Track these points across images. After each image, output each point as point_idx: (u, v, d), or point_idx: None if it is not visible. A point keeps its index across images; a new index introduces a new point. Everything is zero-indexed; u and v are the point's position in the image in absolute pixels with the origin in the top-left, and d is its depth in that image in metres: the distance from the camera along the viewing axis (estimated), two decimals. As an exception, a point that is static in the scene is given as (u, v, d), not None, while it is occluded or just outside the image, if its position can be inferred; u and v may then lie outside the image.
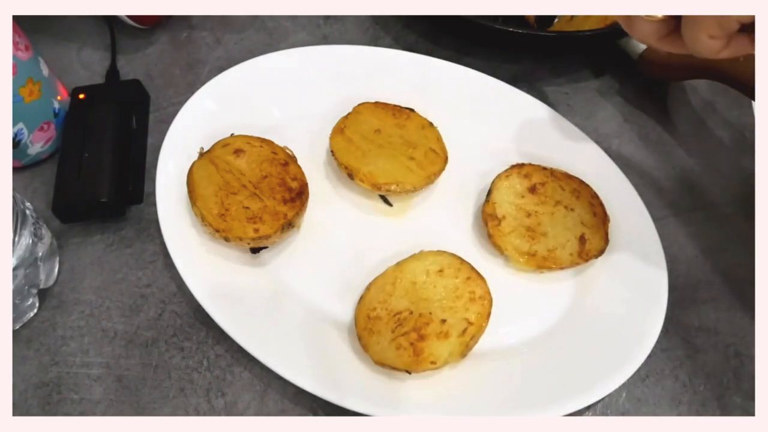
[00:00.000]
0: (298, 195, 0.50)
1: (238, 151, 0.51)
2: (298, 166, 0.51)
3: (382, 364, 0.44)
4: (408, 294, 0.47)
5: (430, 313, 0.46)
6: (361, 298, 0.47)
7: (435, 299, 0.46)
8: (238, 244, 0.48)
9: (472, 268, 0.48)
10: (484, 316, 0.46)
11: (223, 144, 0.51)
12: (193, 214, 0.50)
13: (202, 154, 0.51)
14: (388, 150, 0.53)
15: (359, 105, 0.56)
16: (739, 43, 0.31)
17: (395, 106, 0.56)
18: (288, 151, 0.52)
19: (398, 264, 0.48)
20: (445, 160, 0.53)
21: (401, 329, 0.45)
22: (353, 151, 0.53)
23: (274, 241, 0.49)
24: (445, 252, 0.49)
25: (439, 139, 0.55)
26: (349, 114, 0.55)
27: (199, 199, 0.48)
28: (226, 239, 0.48)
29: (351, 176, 0.52)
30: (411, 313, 0.46)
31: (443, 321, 0.45)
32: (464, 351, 0.45)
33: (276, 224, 0.48)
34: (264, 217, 0.48)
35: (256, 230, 0.47)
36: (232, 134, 0.52)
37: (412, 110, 0.56)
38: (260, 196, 0.49)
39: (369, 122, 0.55)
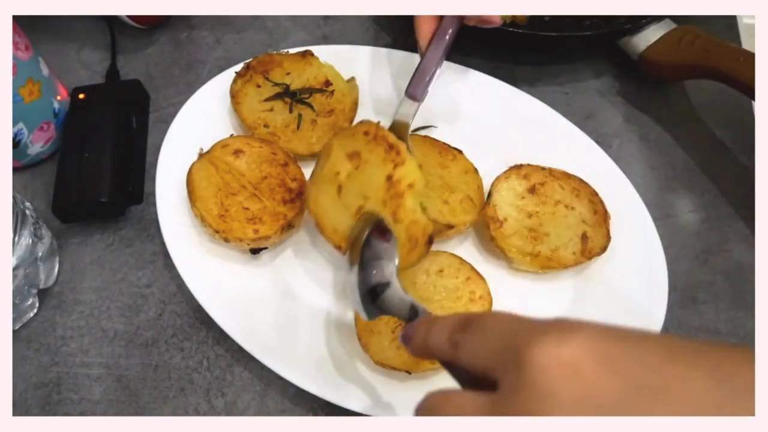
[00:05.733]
0: (297, 195, 0.50)
1: (237, 152, 0.51)
2: (298, 167, 0.51)
3: (382, 364, 0.44)
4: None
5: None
6: None
7: (435, 299, 0.46)
8: (237, 244, 0.48)
9: (472, 269, 0.48)
10: None
11: (222, 145, 0.51)
12: (193, 215, 0.50)
13: (201, 155, 0.51)
14: (433, 191, 0.50)
15: (409, 135, 0.52)
16: None
17: (444, 144, 0.53)
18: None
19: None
20: (480, 211, 0.50)
21: (401, 329, 0.45)
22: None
23: (274, 241, 0.49)
24: (445, 252, 0.49)
25: (480, 187, 0.51)
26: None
27: (199, 199, 0.48)
28: (226, 240, 0.48)
29: None
30: None
31: None
32: None
33: (276, 225, 0.48)
34: (264, 218, 0.48)
35: (256, 231, 0.47)
36: (231, 135, 0.52)
37: (460, 152, 0.53)
38: (260, 197, 0.49)
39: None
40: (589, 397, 0.22)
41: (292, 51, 0.57)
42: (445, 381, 0.45)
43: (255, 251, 0.50)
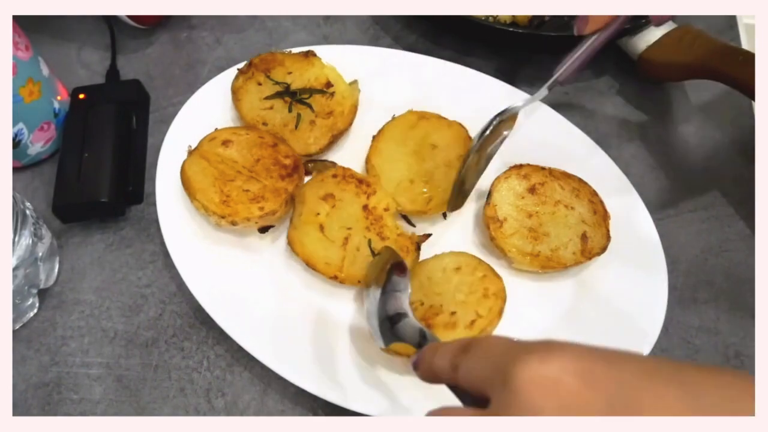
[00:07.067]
0: (294, 170, 0.51)
1: (226, 142, 0.51)
2: (287, 145, 0.52)
3: (387, 350, 0.44)
4: (423, 287, 0.47)
5: (441, 305, 0.46)
6: None
7: (448, 293, 0.46)
8: (246, 225, 0.49)
9: (490, 268, 0.48)
10: (496, 312, 0.45)
11: (210, 138, 0.52)
12: (193, 215, 0.50)
13: (190, 152, 0.51)
14: (414, 159, 0.53)
15: (455, 122, 0.54)
16: None
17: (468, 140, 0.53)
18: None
19: (419, 263, 0.49)
20: (438, 206, 0.51)
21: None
22: (396, 138, 0.53)
23: (279, 216, 0.50)
24: (464, 253, 0.49)
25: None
26: (439, 119, 0.55)
27: (198, 192, 0.48)
28: (234, 223, 0.48)
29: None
30: (422, 304, 0.46)
31: (453, 313, 0.45)
32: None
33: (279, 200, 0.49)
34: (266, 195, 0.49)
35: (261, 208, 0.48)
36: (215, 128, 0.52)
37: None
38: (257, 178, 0.50)
39: (443, 137, 0.54)
40: (569, 411, 0.23)
41: (295, 50, 0.57)
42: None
43: (263, 230, 0.51)
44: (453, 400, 0.44)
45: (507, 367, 0.25)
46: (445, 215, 0.54)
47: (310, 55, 0.57)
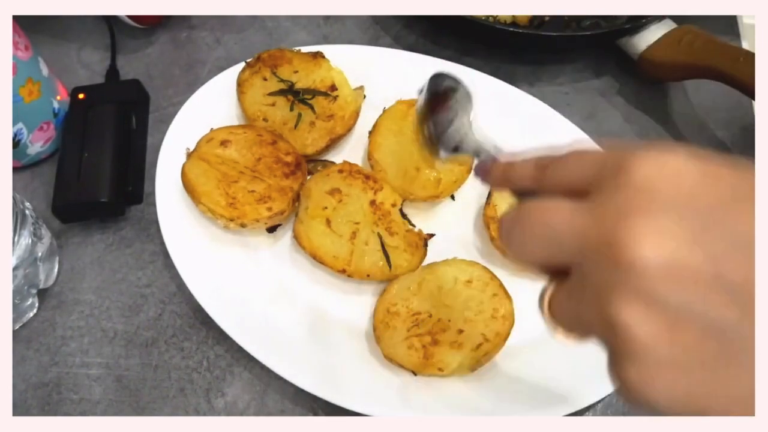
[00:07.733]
0: (296, 167, 0.51)
1: (224, 143, 0.51)
2: (287, 142, 0.52)
3: (390, 359, 0.44)
4: (432, 297, 0.47)
5: (449, 321, 0.45)
6: (385, 291, 0.47)
7: (457, 308, 0.46)
8: (255, 226, 0.49)
9: (501, 286, 0.47)
10: (503, 336, 0.45)
11: (207, 139, 0.52)
12: (193, 215, 0.50)
13: (189, 154, 0.51)
14: (415, 147, 0.52)
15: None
16: None
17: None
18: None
19: (429, 266, 0.48)
20: (442, 190, 0.52)
21: (417, 330, 0.45)
22: (393, 129, 0.53)
23: (287, 215, 0.50)
24: (477, 264, 0.49)
25: (456, 182, 0.52)
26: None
27: (203, 195, 0.48)
28: (243, 225, 0.48)
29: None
30: (430, 316, 0.46)
31: (460, 331, 0.45)
32: (474, 366, 0.44)
33: (286, 199, 0.49)
34: (272, 195, 0.49)
35: (270, 209, 0.48)
36: (211, 129, 0.52)
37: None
38: (261, 178, 0.50)
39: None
40: (687, 197, 0.22)
41: (305, 50, 0.57)
42: (446, 380, 0.45)
43: (271, 229, 0.51)
44: (453, 393, 0.44)
45: (620, 159, 0.23)
46: (453, 197, 0.54)
47: (318, 56, 0.57)
